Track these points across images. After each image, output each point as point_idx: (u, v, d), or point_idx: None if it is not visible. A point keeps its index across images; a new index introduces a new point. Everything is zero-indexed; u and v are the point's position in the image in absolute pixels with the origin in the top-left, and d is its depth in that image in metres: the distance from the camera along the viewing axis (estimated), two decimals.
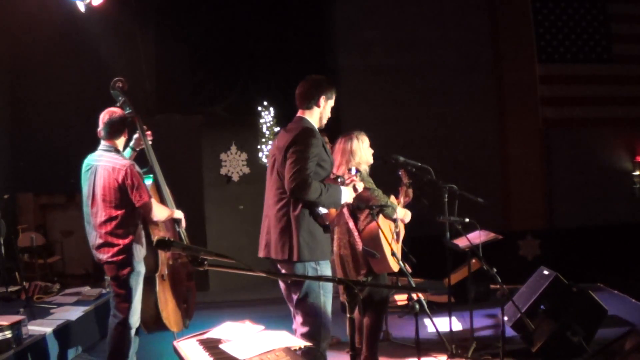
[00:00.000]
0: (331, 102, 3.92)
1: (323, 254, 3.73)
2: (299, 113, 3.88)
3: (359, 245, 4.40)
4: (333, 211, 3.89)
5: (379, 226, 4.38)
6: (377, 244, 4.41)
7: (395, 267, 4.52)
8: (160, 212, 4.25)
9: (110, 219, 4.12)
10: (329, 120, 3.96)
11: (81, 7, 5.97)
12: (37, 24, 7.89)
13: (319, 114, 3.87)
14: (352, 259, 4.50)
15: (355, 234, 4.44)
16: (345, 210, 4.47)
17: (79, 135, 4.26)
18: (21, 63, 8.55)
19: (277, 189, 3.73)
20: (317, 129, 3.83)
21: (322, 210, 3.74)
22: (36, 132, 8.48)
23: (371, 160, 4.68)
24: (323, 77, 3.92)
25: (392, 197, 4.83)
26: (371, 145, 4.69)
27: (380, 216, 4.49)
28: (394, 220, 4.67)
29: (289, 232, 3.65)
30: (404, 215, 4.74)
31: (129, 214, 4.14)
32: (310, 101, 3.83)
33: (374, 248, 4.37)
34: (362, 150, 4.59)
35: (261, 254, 3.83)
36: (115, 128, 4.29)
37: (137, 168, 4.21)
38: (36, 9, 7.52)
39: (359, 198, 4.43)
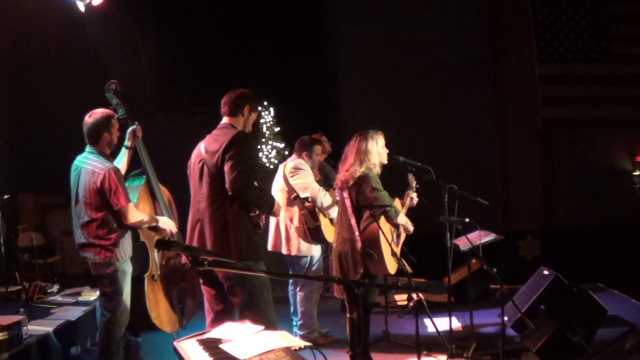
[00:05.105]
0: (254, 115, 4.18)
1: (259, 255, 3.95)
2: (226, 120, 4.10)
3: (358, 244, 4.39)
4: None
5: (379, 228, 4.37)
6: (376, 245, 4.40)
7: (392, 270, 4.51)
8: (137, 217, 4.19)
9: (92, 220, 4.16)
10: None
11: (81, 7, 5.97)
12: (37, 24, 7.89)
13: (242, 123, 4.10)
14: (351, 256, 4.48)
15: (356, 232, 4.43)
16: (348, 207, 4.47)
17: (79, 136, 4.27)
18: (21, 63, 8.54)
19: (211, 191, 3.91)
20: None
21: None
22: (36, 132, 8.48)
23: (385, 161, 4.65)
24: (250, 91, 4.19)
25: (397, 200, 4.79)
26: None
27: (382, 218, 4.48)
28: (395, 225, 4.65)
29: (226, 232, 3.84)
30: (405, 222, 4.70)
31: (110, 215, 4.17)
32: (237, 109, 4.08)
33: (373, 249, 4.36)
34: (377, 151, 4.57)
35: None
36: (89, 134, 4.28)
37: (117, 172, 4.18)
38: (36, 9, 7.51)
39: (363, 198, 4.43)
